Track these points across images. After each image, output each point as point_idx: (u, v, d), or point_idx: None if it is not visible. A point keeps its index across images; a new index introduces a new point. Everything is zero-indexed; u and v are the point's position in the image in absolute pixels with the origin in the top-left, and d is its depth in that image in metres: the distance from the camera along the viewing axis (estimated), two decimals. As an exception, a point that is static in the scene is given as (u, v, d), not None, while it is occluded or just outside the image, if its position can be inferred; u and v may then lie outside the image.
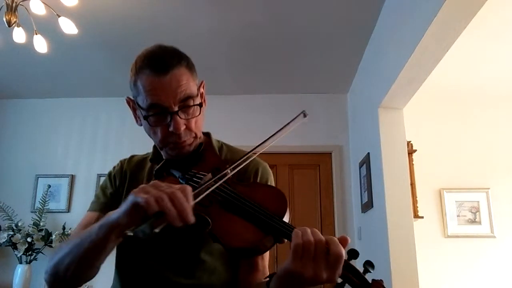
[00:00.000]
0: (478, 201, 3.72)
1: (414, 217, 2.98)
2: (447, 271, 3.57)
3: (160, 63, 0.89)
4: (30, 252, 3.55)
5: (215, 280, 0.95)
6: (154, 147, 1.07)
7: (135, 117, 1.01)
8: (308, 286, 0.70)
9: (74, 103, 4.21)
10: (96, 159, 4.03)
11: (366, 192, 3.23)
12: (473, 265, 3.58)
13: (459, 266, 3.58)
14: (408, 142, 3.43)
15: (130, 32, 3.07)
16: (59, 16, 2.47)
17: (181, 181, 0.91)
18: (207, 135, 1.09)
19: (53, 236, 3.58)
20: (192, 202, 0.73)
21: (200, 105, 0.95)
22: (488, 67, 3.41)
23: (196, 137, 0.97)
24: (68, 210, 3.89)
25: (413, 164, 3.54)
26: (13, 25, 2.35)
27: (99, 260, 0.83)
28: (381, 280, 0.69)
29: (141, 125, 0.99)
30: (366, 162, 3.23)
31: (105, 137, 4.10)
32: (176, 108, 0.90)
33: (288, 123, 0.96)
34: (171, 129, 0.90)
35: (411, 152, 3.52)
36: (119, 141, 4.04)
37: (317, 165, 3.97)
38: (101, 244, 0.79)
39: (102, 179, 4.04)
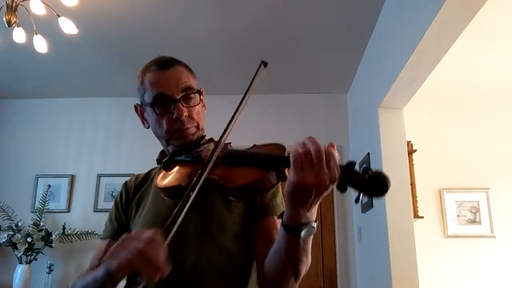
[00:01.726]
0: (478, 201, 3.72)
1: (414, 217, 2.98)
2: (447, 271, 3.57)
3: (164, 61, 1.05)
4: (30, 252, 3.54)
5: (230, 260, 0.98)
6: (160, 152, 1.14)
7: (143, 121, 1.12)
8: (315, 196, 0.74)
9: (74, 103, 4.21)
10: (96, 159, 4.03)
11: (366, 192, 3.22)
12: (473, 265, 3.58)
13: (459, 266, 3.58)
14: (408, 142, 3.43)
15: (130, 32, 3.07)
16: (59, 16, 2.47)
17: (186, 159, 1.00)
18: (209, 140, 1.13)
19: (53, 236, 3.58)
20: (163, 247, 0.73)
21: (199, 92, 1.07)
22: (488, 67, 3.41)
23: (198, 127, 1.07)
24: (68, 210, 3.89)
25: (413, 164, 3.54)
26: (13, 25, 2.35)
27: None
28: (380, 171, 0.71)
29: (148, 127, 1.10)
30: (366, 162, 3.23)
31: (105, 137, 4.10)
32: (178, 96, 1.01)
33: (253, 78, 1.06)
34: (175, 115, 1.01)
35: (411, 152, 3.51)
36: (119, 141, 4.04)
37: (317, 165, 3.96)
38: None
39: (102, 179, 4.11)
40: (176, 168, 1.01)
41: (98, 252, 1.07)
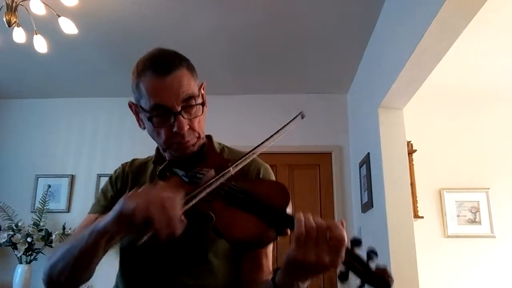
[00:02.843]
0: (478, 201, 3.72)
1: (414, 217, 2.97)
2: (447, 271, 3.57)
3: (162, 65, 0.91)
4: (30, 252, 3.55)
5: (219, 281, 0.96)
6: (157, 149, 1.07)
7: (138, 121, 1.02)
8: (312, 274, 0.71)
9: (74, 103, 4.21)
10: (96, 159, 4.03)
11: (366, 192, 3.23)
12: (473, 265, 3.58)
13: (459, 266, 3.58)
14: (408, 142, 3.43)
15: (130, 32, 3.07)
16: (59, 16, 2.47)
17: (184, 178, 0.93)
18: (208, 137, 1.10)
19: (53, 236, 3.58)
20: (181, 210, 0.73)
21: (202, 104, 0.97)
22: (488, 67, 3.41)
23: (199, 137, 0.99)
24: (68, 210, 3.89)
25: (413, 164, 3.54)
26: (13, 25, 2.35)
27: (92, 264, 0.83)
28: (385, 266, 0.68)
29: (144, 128, 1.00)
30: (366, 162, 3.23)
31: (105, 137, 4.10)
32: (179, 108, 0.91)
33: (287, 124, 0.98)
34: (175, 129, 0.92)
35: (411, 152, 3.52)
36: (119, 141, 4.04)
37: (317, 165, 3.97)
38: (92, 250, 0.80)
39: (102, 179, 4.10)
40: (173, 182, 0.94)
41: (83, 226, 1.01)
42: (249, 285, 0.96)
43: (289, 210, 0.79)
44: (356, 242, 0.72)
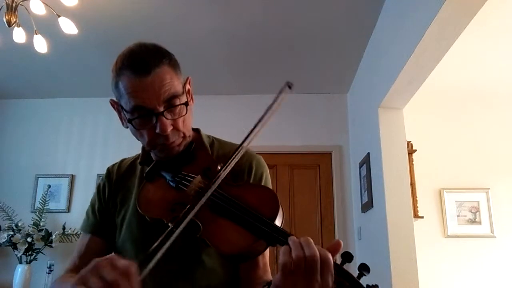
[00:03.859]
0: (478, 201, 3.72)
1: (414, 217, 2.98)
2: (447, 271, 3.57)
3: (141, 64, 0.85)
4: (30, 252, 3.55)
5: (214, 281, 0.94)
6: (143, 148, 1.04)
7: (121, 119, 0.98)
8: None
9: (74, 103, 4.21)
10: (96, 159, 4.03)
11: (366, 192, 3.23)
12: (473, 265, 3.58)
13: (459, 266, 3.58)
14: (408, 142, 3.43)
15: (130, 32, 3.07)
16: (59, 16, 2.47)
17: (171, 183, 0.89)
18: (196, 131, 1.06)
19: (53, 236, 3.58)
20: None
21: (186, 104, 0.90)
22: (488, 67, 3.41)
23: (185, 136, 0.94)
24: (68, 210, 3.89)
25: (413, 164, 3.54)
26: (13, 25, 2.35)
27: None
28: (376, 286, 0.66)
29: (127, 127, 0.95)
30: (366, 162, 3.23)
31: (105, 137, 4.10)
32: (161, 109, 0.86)
33: (274, 101, 0.91)
34: (157, 130, 0.87)
35: (411, 152, 3.52)
36: (119, 141, 4.04)
37: (317, 165, 3.96)
38: None
39: (102, 179, 4.09)
40: (159, 186, 0.91)
41: (79, 249, 1.02)
42: (247, 283, 0.95)
43: (278, 221, 0.75)
44: (347, 257, 0.70)
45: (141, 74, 0.85)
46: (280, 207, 0.77)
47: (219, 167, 0.86)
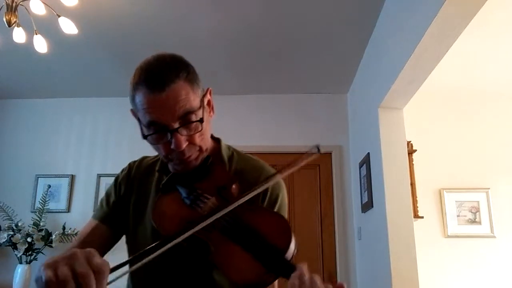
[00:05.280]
0: (478, 201, 3.72)
1: (414, 217, 2.98)
2: (447, 271, 3.57)
3: (156, 80, 0.84)
4: (30, 252, 3.55)
5: None
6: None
7: (140, 129, 0.96)
8: None
9: (74, 103, 4.21)
10: (96, 159, 4.03)
11: (366, 192, 3.23)
12: (473, 265, 3.58)
13: (459, 266, 3.58)
14: (408, 142, 3.43)
15: (130, 32, 3.07)
16: (59, 16, 2.47)
17: (186, 200, 0.90)
18: (217, 141, 1.05)
19: (53, 236, 3.58)
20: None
21: (201, 120, 0.89)
22: (488, 67, 3.41)
23: (201, 150, 0.93)
24: (68, 210, 3.89)
25: (413, 164, 3.54)
26: (13, 25, 2.35)
27: None
28: None
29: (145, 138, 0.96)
30: (366, 162, 3.23)
31: (105, 137, 4.10)
32: (176, 125, 0.85)
33: (301, 159, 0.93)
34: (172, 146, 0.87)
35: (411, 152, 3.51)
36: (119, 141, 4.04)
37: (317, 165, 3.96)
38: None
39: (102, 179, 4.11)
40: (174, 201, 0.92)
41: (84, 231, 1.03)
42: None
43: (289, 254, 0.75)
44: None
45: (156, 90, 0.84)
46: (293, 238, 0.77)
47: (234, 186, 0.87)
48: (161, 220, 0.90)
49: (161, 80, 0.84)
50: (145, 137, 0.89)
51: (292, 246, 0.76)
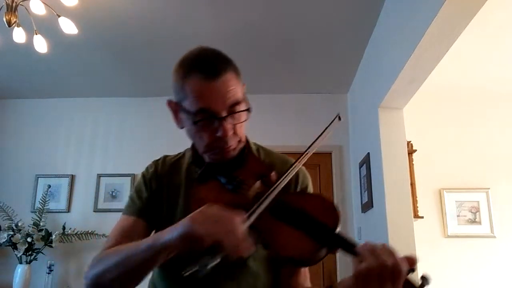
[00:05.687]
0: (478, 201, 3.72)
1: (414, 217, 2.97)
2: (447, 271, 3.57)
3: (211, 67, 0.88)
4: (30, 252, 3.55)
5: (258, 284, 0.97)
6: (193, 149, 1.05)
7: (176, 120, 0.99)
8: None
9: (74, 103, 4.21)
10: (96, 159, 4.03)
11: (366, 192, 3.23)
12: (473, 265, 3.58)
13: (459, 266, 3.58)
14: (408, 142, 3.43)
15: (130, 32, 3.07)
16: (59, 16, 2.48)
17: (228, 186, 0.91)
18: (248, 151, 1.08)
19: (53, 236, 3.58)
20: (245, 235, 0.73)
21: (248, 110, 0.94)
22: (488, 67, 3.41)
23: (240, 141, 0.97)
24: (68, 210, 3.89)
25: (413, 164, 3.54)
26: (13, 25, 2.35)
27: (145, 275, 0.84)
28: None
29: (182, 127, 0.98)
30: (366, 162, 3.23)
31: (105, 137, 4.10)
32: (224, 114, 0.88)
33: (326, 128, 1.01)
34: (218, 134, 0.89)
35: (411, 152, 3.51)
36: (119, 141, 4.04)
37: (317, 165, 3.96)
38: (149, 263, 0.81)
39: (102, 179, 4.11)
40: (213, 189, 0.93)
41: (122, 229, 1.01)
42: None
43: (339, 229, 0.78)
44: (426, 280, 0.72)
45: (210, 77, 0.87)
46: (340, 214, 0.80)
47: (273, 174, 0.90)
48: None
49: (215, 68, 0.88)
50: (194, 123, 0.90)
51: (340, 221, 0.79)
